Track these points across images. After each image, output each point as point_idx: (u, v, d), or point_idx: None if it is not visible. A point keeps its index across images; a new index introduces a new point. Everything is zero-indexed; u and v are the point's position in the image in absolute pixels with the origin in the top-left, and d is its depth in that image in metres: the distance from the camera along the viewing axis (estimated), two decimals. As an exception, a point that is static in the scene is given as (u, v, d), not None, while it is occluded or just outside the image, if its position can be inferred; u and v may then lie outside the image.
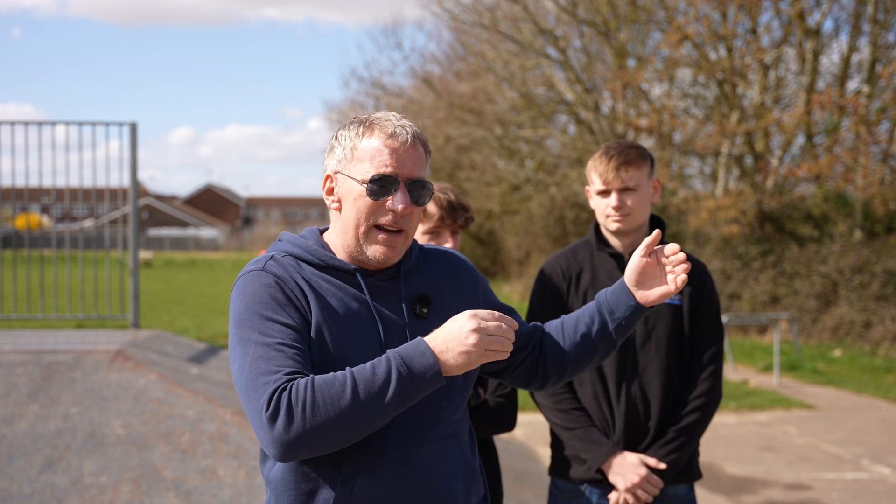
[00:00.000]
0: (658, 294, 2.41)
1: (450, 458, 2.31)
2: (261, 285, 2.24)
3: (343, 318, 2.26)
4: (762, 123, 19.56)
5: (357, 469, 2.22)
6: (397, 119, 2.32)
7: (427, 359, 2.10)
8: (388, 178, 2.26)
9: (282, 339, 2.15)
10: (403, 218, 2.28)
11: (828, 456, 8.86)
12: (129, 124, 8.87)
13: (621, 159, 3.37)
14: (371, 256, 2.30)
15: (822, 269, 17.37)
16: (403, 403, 2.11)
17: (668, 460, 3.33)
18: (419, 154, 2.31)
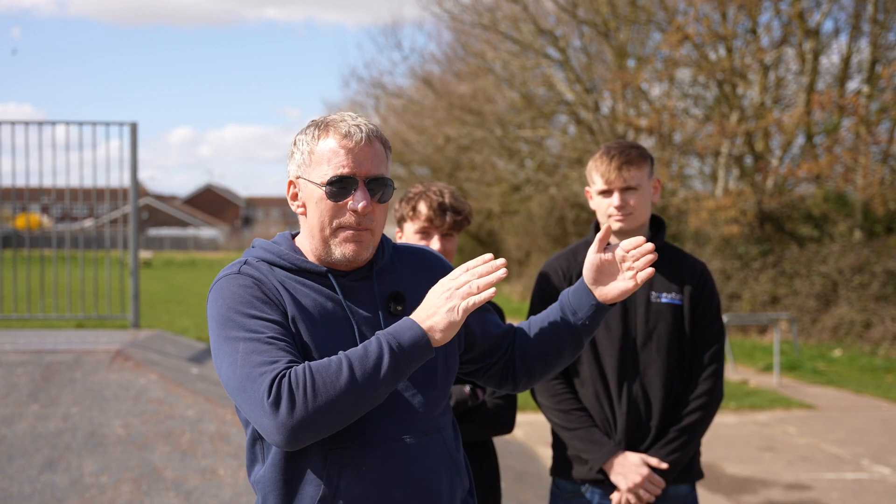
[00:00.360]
0: (617, 292, 2.39)
1: (434, 452, 2.32)
2: (239, 286, 2.26)
3: (318, 318, 2.27)
4: (762, 123, 19.56)
5: (342, 466, 2.23)
6: (352, 119, 2.31)
7: (415, 330, 2.14)
8: (346, 178, 2.27)
9: (271, 334, 2.17)
10: (366, 217, 2.29)
11: (828, 456, 8.86)
12: (129, 124, 8.87)
13: (623, 159, 3.37)
14: (341, 256, 2.30)
15: (822, 269, 17.37)
16: (398, 377, 2.14)
17: (669, 460, 3.33)
18: (376, 151, 2.31)
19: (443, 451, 2.34)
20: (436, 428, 2.34)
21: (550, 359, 2.47)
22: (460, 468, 2.40)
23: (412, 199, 3.46)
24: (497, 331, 2.50)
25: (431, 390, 2.34)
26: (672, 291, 3.42)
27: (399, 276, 2.42)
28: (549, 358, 2.47)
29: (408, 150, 32.70)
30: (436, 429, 2.34)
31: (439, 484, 2.31)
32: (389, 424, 2.27)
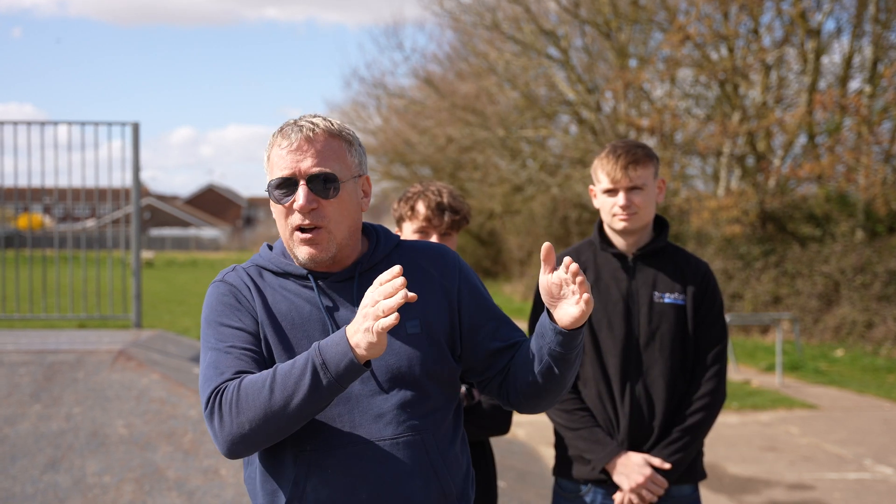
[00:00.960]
0: (569, 319, 2.20)
1: (408, 455, 2.26)
2: (217, 295, 2.34)
3: (294, 321, 2.30)
4: (764, 123, 19.55)
5: (309, 468, 2.25)
6: (302, 120, 2.33)
7: (342, 346, 2.10)
8: (284, 180, 2.28)
9: (232, 343, 2.25)
10: (313, 214, 2.28)
11: (830, 456, 8.85)
12: (131, 124, 8.87)
13: (629, 158, 3.37)
14: (301, 259, 2.31)
15: (824, 269, 17.36)
16: (322, 393, 2.12)
17: (672, 460, 3.33)
18: (319, 148, 2.29)
19: (420, 454, 2.28)
20: (412, 430, 2.28)
21: (535, 386, 2.33)
22: (442, 473, 2.32)
23: (410, 199, 3.46)
24: (494, 345, 2.40)
25: (407, 392, 2.29)
26: (675, 291, 3.42)
27: None
28: (533, 385, 2.33)
29: (410, 150, 32.72)
30: (412, 431, 2.28)
31: (411, 489, 2.27)
32: (359, 427, 2.26)
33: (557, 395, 2.36)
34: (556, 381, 2.31)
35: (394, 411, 2.27)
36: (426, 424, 2.31)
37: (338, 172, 2.29)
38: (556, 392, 2.35)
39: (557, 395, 2.36)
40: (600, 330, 3.40)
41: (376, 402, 2.27)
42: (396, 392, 2.28)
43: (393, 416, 2.27)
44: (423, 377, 2.31)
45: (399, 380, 2.29)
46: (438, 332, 2.35)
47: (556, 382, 2.31)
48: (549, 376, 2.30)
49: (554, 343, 2.25)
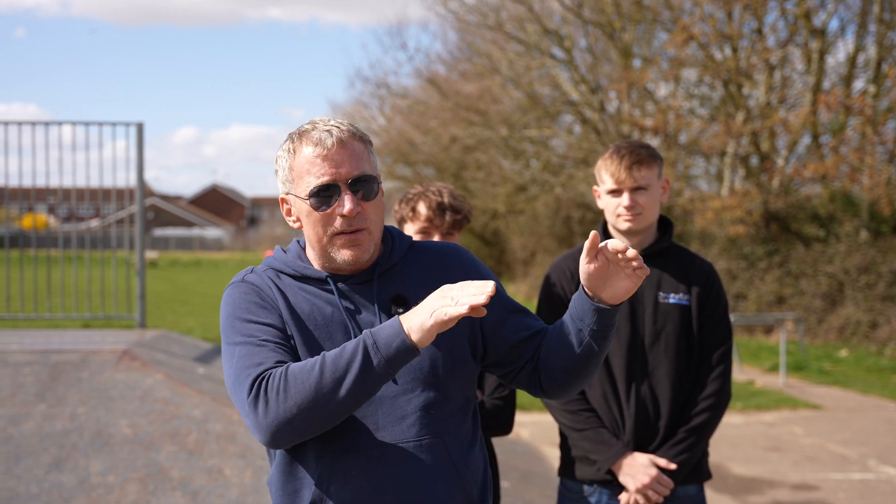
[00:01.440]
0: (621, 292, 2.23)
1: (431, 457, 2.27)
2: (240, 294, 2.31)
3: (316, 324, 2.29)
4: (768, 123, 19.54)
5: (332, 469, 2.24)
6: (324, 123, 2.30)
7: (394, 328, 2.10)
8: (326, 186, 2.26)
9: (265, 337, 2.22)
10: (356, 218, 2.27)
11: (834, 456, 8.84)
12: (135, 124, 8.88)
13: (633, 158, 3.36)
14: (342, 262, 2.30)
15: (828, 270, 17.34)
16: (373, 376, 2.10)
17: (678, 461, 3.32)
18: (354, 150, 2.28)
19: (442, 456, 2.28)
20: (435, 432, 2.28)
21: (573, 369, 2.33)
22: (464, 475, 2.32)
23: (411, 200, 3.47)
24: (519, 336, 2.39)
25: (430, 393, 2.29)
26: (680, 292, 3.42)
27: (407, 276, 2.38)
28: (571, 369, 2.33)
29: (413, 150, 32.72)
30: (435, 434, 2.28)
31: (434, 491, 2.27)
32: (382, 428, 2.25)
33: (593, 374, 2.38)
34: (596, 360, 2.33)
35: (417, 413, 2.27)
36: (448, 426, 2.31)
37: (372, 173, 2.30)
38: (594, 371, 2.37)
39: (593, 374, 2.38)
40: (605, 330, 3.40)
41: (399, 403, 2.27)
42: (419, 393, 2.28)
43: (416, 418, 2.27)
44: (444, 378, 2.32)
45: (421, 381, 2.29)
46: (459, 332, 2.35)
47: (595, 361, 2.33)
48: (590, 356, 2.30)
49: (594, 323, 2.26)
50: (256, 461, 6.04)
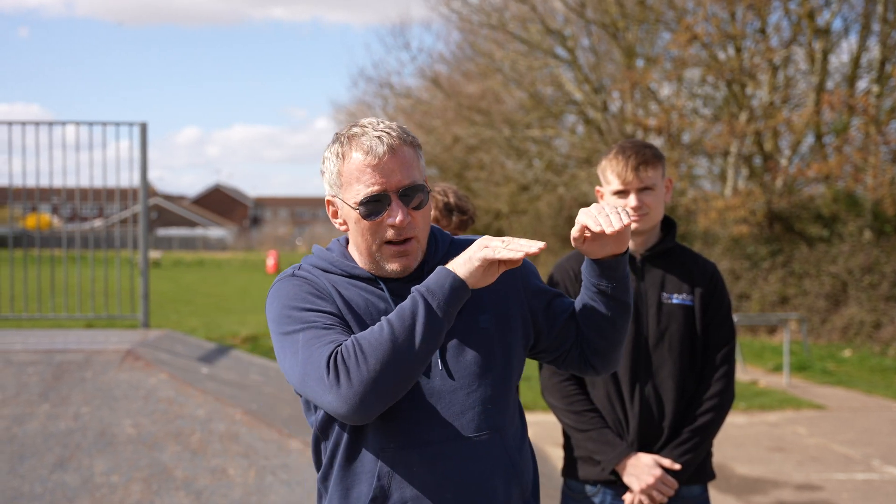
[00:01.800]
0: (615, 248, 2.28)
1: (490, 453, 2.28)
2: (293, 286, 2.30)
3: (372, 318, 2.28)
4: (771, 123, 19.52)
5: (393, 465, 2.24)
6: (374, 129, 2.27)
7: (442, 273, 2.14)
8: (377, 196, 2.24)
9: (328, 321, 2.21)
10: (407, 228, 2.26)
11: (838, 456, 8.84)
12: (139, 124, 8.88)
13: (640, 159, 3.36)
14: (390, 270, 2.30)
15: (832, 270, 17.33)
16: (437, 324, 2.13)
17: (682, 461, 3.32)
18: (404, 158, 2.26)
19: (499, 451, 2.30)
20: (493, 427, 2.29)
21: (607, 333, 2.38)
22: (519, 470, 2.34)
23: None
24: (564, 317, 2.42)
25: (487, 389, 2.29)
26: (683, 292, 3.42)
27: None
28: (605, 332, 2.38)
29: (416, 149, 32.68)
30: (493, 428, 2.29)
31: (493, 487, 2.28)
32: (442, 424, 2.25)
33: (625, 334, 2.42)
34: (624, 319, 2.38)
35: (476, 408, 2.27)
36: (504, 421, 2.32)
37: (421, 181, 2.29)
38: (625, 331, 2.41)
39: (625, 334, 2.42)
40: (609, 330, 3.40)
41: (457, 398, 2.27)
42: (476, 388, 2.29)
43: (475, 413, 2.27)
44: (498, 371, 2.32)
45: (477, 375, 2.29)
46: (510, 325, 2.36)
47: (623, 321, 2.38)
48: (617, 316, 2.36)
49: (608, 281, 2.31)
50: (260, 461, 6.04)
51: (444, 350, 2.29)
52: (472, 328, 2.31)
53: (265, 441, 6.19)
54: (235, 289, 31.23)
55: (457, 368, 2.28)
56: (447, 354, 2.29)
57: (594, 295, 2.34)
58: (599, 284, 2.32)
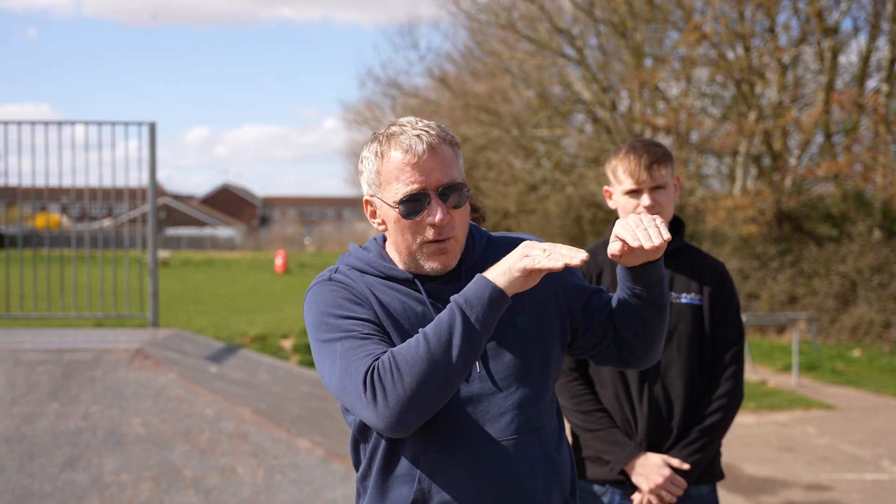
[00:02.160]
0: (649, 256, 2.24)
1: (529, 455, 2.27)
2: (330, 291, 2.29)
3: (406, 321, 2.28)
4: (780, 123, 19.48)
5: (433, 469, 2.24)
6: (413, 128, 2.26)
7: (481, 283, 2.12)
8: (416, 195, 2.22)
9: (366, 331, 2.21)
10: (447, 227, 2.25)
11: (847, 456, 8.81)
12: (147, 124, 8.90)
13: (652, 157, 3.34)
14: (430, 269, 2.29)
15: (841, 269, 17.28)
16: (476, 337, 2.11)
17: (691, 461, 3.32)
18: (443, 157, 2.25)
19: (539, 452, 2.29)
20: (532, 428, 2.28)
21: (642, 333, 2.35)
22: (559, 470, 2.33)
23: None
24: (603, 314, 2.40)
25: (525, 389, 2.28)
26: (692, 291, 3.41)
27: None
28: (640, 332, 2.35)
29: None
30: (532, 429, 2.28)
31: (533, 489, 2.27)
32: (482, 427, 2.24)
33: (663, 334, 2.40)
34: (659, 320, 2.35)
35: (514, 410, 2.26)
36: (543, 422, 2.32)
37: (461, 180, 2.28)
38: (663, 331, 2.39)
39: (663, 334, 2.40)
40: (618, 330, 3.39)
41: (496, 400, 2.26)
42: (515, 390, 2.27)
43: (514, 415, 2.26)
44: (537, 372, 2.31)
45: (516, 377, 2.28)
46: (548, 324, 2.35)
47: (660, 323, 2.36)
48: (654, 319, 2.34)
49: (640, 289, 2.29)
50: (269, 460, 6.05)
51: (484, 353, 2.28)
52: (510, 330, 2.30)
53: (274, 440, 6.20)
54: (244, 288, 31.27)
55: (496, 371, 2.27)
56: (486, 357, 2.28)
57: (630, 297, 2.32)
58: (634, 289, 2.30)
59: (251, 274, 42.25)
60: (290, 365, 10.15)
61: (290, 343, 15.97)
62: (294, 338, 16.45)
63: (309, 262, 52.90)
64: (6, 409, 6.35)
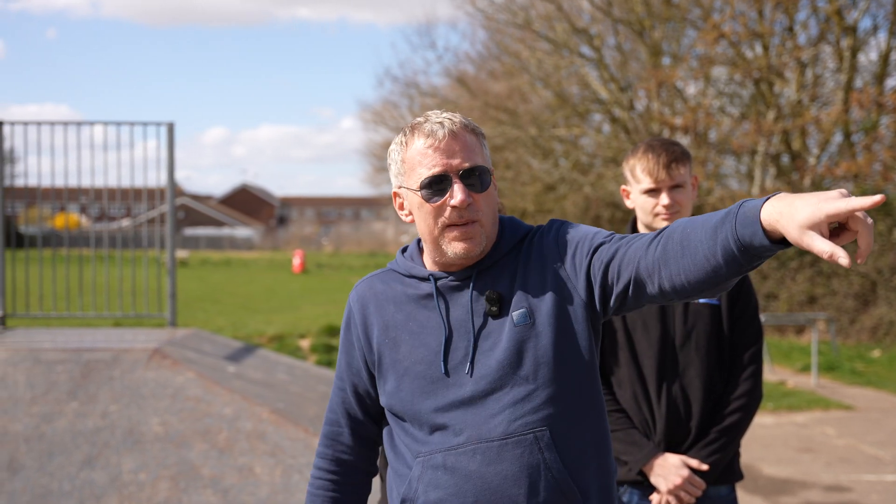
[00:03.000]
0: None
1: (518, 457, 2.20)
2: (344, 315, 2.50)
3: (412, 330, 2.32)
4: (799, 122, 19.38)
5: (424, 469, 2.26)
6: (436, 116, 2.28)
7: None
8: (438, 177, 2.23)
9: (341, 380, 2.49)
10: (468, 210, 2.23)
11: (867, 457, 8.76)
12: (166, 124, 8.93)
13: (671, 156, 3.33)
14: (453, 255, 2.26)
15: (861, 269, 17.18)
16: None
17: (710, 461, 3.30)
18: (465, 142, 2.25)
19: (533, 455, 2.20)
20: (528, 430, 2.21)
21: (704, 281, 2.01)
22: (556, 471, 2.21)
23: None
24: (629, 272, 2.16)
25: (521, 389, 2.21)
26: (710, 291, 3.39)
27: (507, 270, 2.31)
28: (702, 281, 2.01)
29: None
30: (528, 431, 2.21)
31: (517, 493, 2.19)
32: (470, 428, 2.22)
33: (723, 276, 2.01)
34: (735, 275, 1.98)
35: (508, 409, 2.21)
36: (546, 422, 2.22)
37: (484, 165, 2.28)
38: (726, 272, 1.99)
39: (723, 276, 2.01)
40: (635, 331, 3.38)
41: (488, 401, 2.23)
42: (509, 390, 2.22)
43: (505, 416, 2.21)
44: (536, 369, 2.22)
45: (510, 376, 2.23)
46: (555, 316, 2.23)
47: (733, 277, 1.99)
48: (729, 274, 1.96)
49: (754, 250, 1.88)
50: (286, 460, 6.06)
51: (475, 352, 2.26)
52: (506, 327, 2.25)
53: (292, 440, 6.21)
54: (262, 288, 31.35)
55: (488, 372, 2.24)
56: (478, 356, 2.26)
57: (729, 260, 1.92)
58: (752, 257, 1.90)
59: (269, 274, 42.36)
60: (308, 365, 10.17)
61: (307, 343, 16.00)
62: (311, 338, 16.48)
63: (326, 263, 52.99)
64: (26, 409, 6.39)
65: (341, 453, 2.49)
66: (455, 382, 2.26)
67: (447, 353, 2.27)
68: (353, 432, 2.49)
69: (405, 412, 2.31)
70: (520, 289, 2.27)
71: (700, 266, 1.98)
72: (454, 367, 2.27)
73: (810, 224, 1.74)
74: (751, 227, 1.85)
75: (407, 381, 2.30)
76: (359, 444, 2.50)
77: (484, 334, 2.26)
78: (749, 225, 1.86)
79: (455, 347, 2.27)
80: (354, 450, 2.50)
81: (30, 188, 11.24)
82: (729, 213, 1.92)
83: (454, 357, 2.27)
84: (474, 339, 2.26)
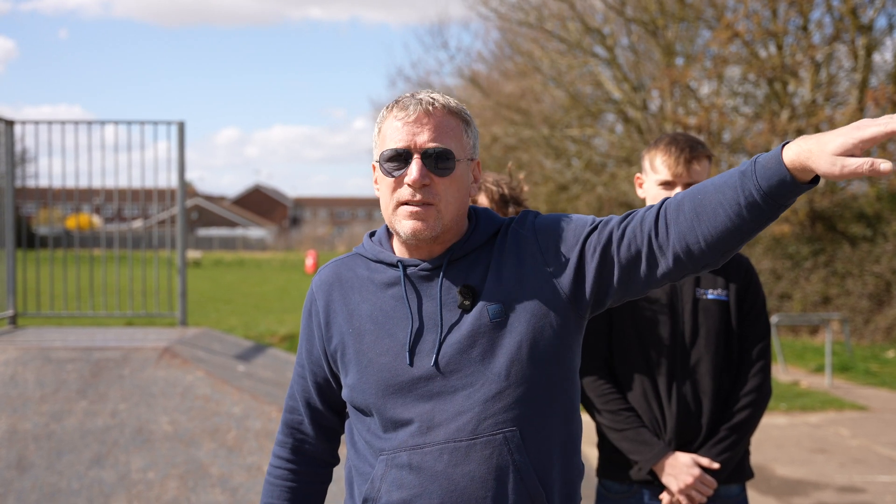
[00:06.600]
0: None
1: (486, 458, 2.12)
2: (306, 301, 2.42)
3: (378, 320, 2.22)
4: (814, 121, 19.29)
5: (387, 467, 2.18)
6: (422, 94, 2.22)
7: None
8: (399, 152, 2.17)
9: (301, 367, 2.42)
10: (424, 190, 2.15)
11: (881, 458, 8.69)
12: (176, 123, 8.92)
13: (692, 153, 3.34)
14: (403, 233, 2.18)
15: (875, 269, 17.08)
16: None
17: (721, 459, 3.27)
18: (439, 122, 2.18)
19: (502, 457, 2.12)
20: (497, 430, 2.12)
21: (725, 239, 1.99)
22: (525, 473, 2.13)
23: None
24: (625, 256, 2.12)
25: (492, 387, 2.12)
26: (718, 287, 3.38)
27: (481, 263, 2.22)
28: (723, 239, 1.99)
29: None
30: (497, 431, 2.12)
31: (484, 496, 2.12)
32: (438, 427, 2.14)
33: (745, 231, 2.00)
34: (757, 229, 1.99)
35: (477, 407, 2.12)
36: (516, 423, 2.14)
37: (454, 150, 2.18)
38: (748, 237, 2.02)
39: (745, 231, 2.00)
40: (644, 328, 3.35)
41: (456, 399, 2.13)
42: (479, 387, 2.13)
43: (474, 414, 2.12)
44: (508, 366, 2.14)
45: (481, 374, 2.14)
46: (531, 312, 2.15)
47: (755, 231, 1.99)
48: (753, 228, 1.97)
49: (782, 196, 1.90)
50: (295, 459, 6.04)
51: (444, 345, 2.16)
52: (479, 322, 2.15)
53: (301, 439, 6.19)
54: (275, 288, 31.40)
55: (457, 368, 2.14)
56: (447, 350, 2.15)
57: (763, 206, 1.93)
58: (789, 201, 1.93)
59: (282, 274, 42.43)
60: (319, 364, 10.15)
61: (319, 343, 15.98)
62: (323, 337, 16.45)
63: (339, 263, 53.00)
64: (35, 407, 6.38)
65: (301, 442, 2.44)
66: (422, 377, 2.16)
67: (414, 345, 2.17)
68: (313, 422, 2.42)
69: (368, 406, 2.21)
70: (494, 282, 2.18)
71: (722, 227, 1.98)
72: (421, 361, 2.16)
73: (842, 151, 1.80)
74: (777, 175, 1.89)
75: (370, 374, 2.19)
76: (319, 434, 2.43)
77: (454, 328, 2.16)
78: (772, 174, 1.90)
79: (423, 340, 2.17)
80: (314, 439, 2.43)
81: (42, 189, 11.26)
82: (745, 172, 1.95)
83: (422, 350, 2.17)
84: (444, 333, 2.16)
